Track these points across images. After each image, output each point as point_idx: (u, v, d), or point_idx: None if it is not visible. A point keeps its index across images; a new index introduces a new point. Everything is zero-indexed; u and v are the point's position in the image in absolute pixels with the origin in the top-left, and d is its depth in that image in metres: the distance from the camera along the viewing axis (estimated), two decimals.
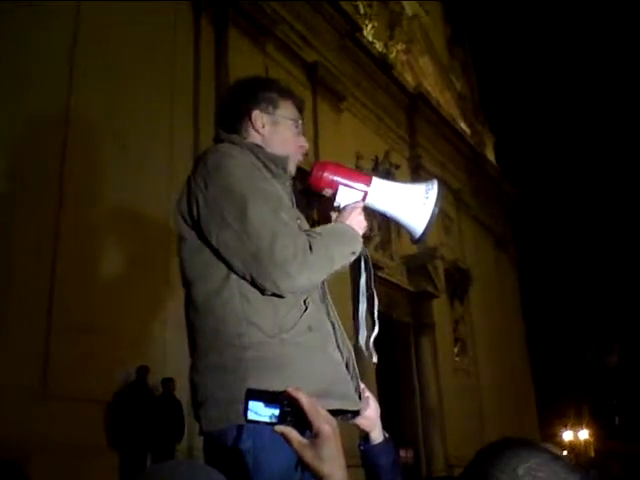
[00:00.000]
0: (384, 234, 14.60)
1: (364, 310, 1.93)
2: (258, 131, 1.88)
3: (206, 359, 1.68)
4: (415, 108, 17.15)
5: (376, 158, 15.17)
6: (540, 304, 28.85)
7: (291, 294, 1.66)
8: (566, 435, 25.49)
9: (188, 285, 1.77)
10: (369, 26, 15.85)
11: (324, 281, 1.84)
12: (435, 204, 1.80)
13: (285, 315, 1.66)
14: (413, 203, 1.81)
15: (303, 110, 2.00)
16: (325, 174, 1.84)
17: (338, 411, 1.64)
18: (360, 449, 1.84)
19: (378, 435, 1.83)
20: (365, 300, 1.94)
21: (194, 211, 1.72)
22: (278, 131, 1.90)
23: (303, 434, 1.11)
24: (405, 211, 1.83)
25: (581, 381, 5.30)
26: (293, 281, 1.60)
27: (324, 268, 1.68)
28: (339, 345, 1.79)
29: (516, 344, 22.16)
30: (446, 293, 16.68)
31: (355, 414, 1.77)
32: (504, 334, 20.51)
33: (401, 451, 11.81)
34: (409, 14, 18.40)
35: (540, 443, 1.31)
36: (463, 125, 20.60)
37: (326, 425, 1.09)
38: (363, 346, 1.90)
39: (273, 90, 1.93)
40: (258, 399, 1.11)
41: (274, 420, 1.11)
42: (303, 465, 1.11)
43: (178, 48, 9.88)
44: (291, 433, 1.10)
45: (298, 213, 1.83)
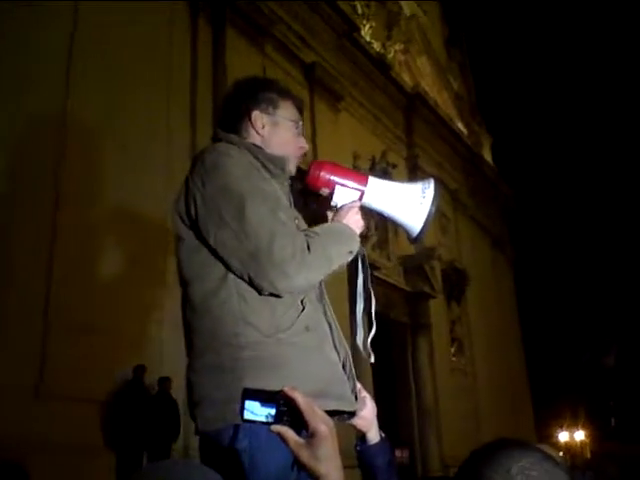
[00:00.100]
0: (381, 234, 14.60)
1: (361, 310, 1.93)
2: (258, 131, 1.88)
3: (203, 359, 1.67)
4: (413, 108, 17.16)
5: (373, 158, 15.17)
6: (537, 305, 28.91)
7: (288, 294, 1.65)
8: (562, 436, 25.55)
9: (185, 285, 1.76)
10: (367, 26, 15.85)
11: (321, 281, 1.83)
12: (432, 203, 1.79)
13: (282, 315, 1.66)
14: (410, 202, 1.81)
15: (303, 111, 1.99)
16: (322, 173, 1.83)
17: (334, 412, 1.64)
18: (356, 449, 1.83)
19: (374, 435, 1.83)
20: (362, 300, 1.93)
21: (192, 211, 1.71)
22: (278, 132, 1.89)
23: (299, 434, 1.11)
24: (402, 210, 1.82)
25: (577, 382, 5.30)
26: (291, 281, 1.59)
27: (322, 268, 1.68)
28: (336, 345, 1.79)
29: (513, 345, 22.18)
30: (443, 293, 16.69)
31: (351, 415, 1.77)
32: (501, 334, 20.53)
33: (397, 451, 11.80)
34: (407, 14, 18.40)
35: (536, 444, 1.32)
36: (460, 125, 20.62)
37: (322, 425, 1.09)
38: (360, 346, 1.89)
39: (273, 91, 1.92)
40: (254, 399, 1.11)
41: (270, 420, 1.11)
42: (299, 465, 1.11)
43: (176, 48, 9.87)
44: (287, 433, 1.10)
45: (296, 213, 1.83)
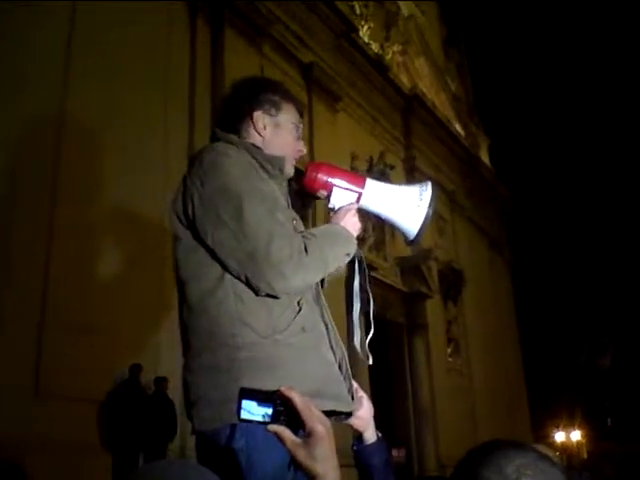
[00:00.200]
0: (378, 235, 14.60)
1: (358, 311, 1.93)
2: (259, 132, 1.87)
3: (199, 359, 1.67)
4: (410, 109, 17.15)
5: (371, 159, 15.16)
6: (534, 306, 28.93)
7: (285, 295, 1.65)
8: (558, 436, 25.51)
9: (182, 285, 1.76)
10: (365, 27, 15.84)
11: (318, 282, 1.84)
12: (429, 206, 1.80)
13: (279, 316, 1.66)
14: (407, 205, 1.82)
15: (303, 115, 2.00)
16: (319, 175, 1.84)
17: (331, 412, 1.64)
18: (353, 449, 1.84)
19: (371, 435, 1.83)
20: (359, 301, 1.95)
21: (189, 210, 1.71)
22: (279, 134, 1.89)
23: (296, 433, 1.11)
24: (399, 213, 1.83)
25: (574, 383, 5.31)
26: (288, 282, 1.60)
27: (319, 270, 1.69)
28: (332, 346, 1.79)
29: (509, 345, 22.19)
30: (440, 294, 16.70)
31: (348, 415, 1.77)
32: (497, 335, 20.53)
33: (393, 451, 11.80)
34: (405, 15, 18.40)
35: (532, 444, 1.32)
36: (458, 127, 20.62)
37: (319, 425, 1.09)
38: (358, 348, 1.90)
39: (277, 93, 1.92)
40: (251, 398, 1.11)
41: (267, 419, 1.11)
42: (296, 464, 1.11)
43: (174, 48, 9.85)
44: (284, 432, 1.10)
45: (294, 214, 1.83)
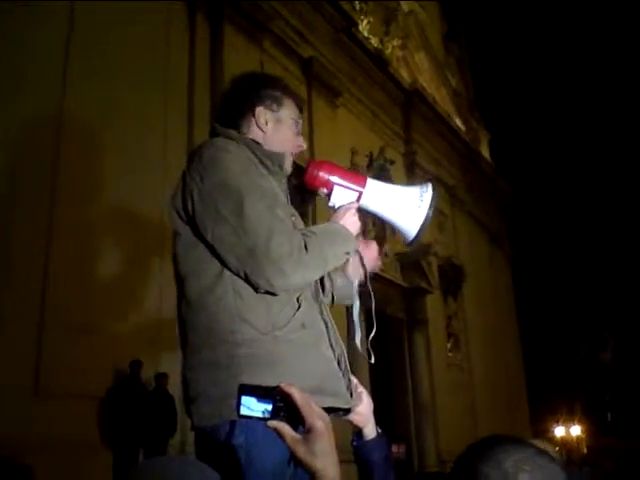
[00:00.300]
0: (379, 230, 14.59)
1: (358, 309, 1.94)
2: (261, 128, 1.87)
3: (199, 355, 1.67)
4: (411, 104, 17.11)
5: (371, 154, 15.13)
6: (534, 300, 28.95)
7: (284, 292, 1.65)
8: (558, 431, 25.56)
9: (181, 281, 1.76)
10: (365, 22, 15.80)
11: (317, 280, 1.83)
12: (429, 207, 1.80)
13: (278, 312, 1.66)
14: (407, 206, 1.81)
15: (302, 110, 2.00)
16: (320, 173, 1.83)
17: (330, 408, 1.64)
18: (353, 445, 1.84)
19: (371, 431, 1.83)
20: (358, 300, 1.95)
21: (189, 206, 1.70)
22: (280, 129, 1.89)
23: (296, 429, 1.11)
24: (399, 214, 1.83)
25: (574, 377, 5.31)
26: (287, 279, 1.59)
27: (318, 267, 1.68)
28: (331, 343, 1.79)
29: (509, 340, 22.21)
30: (440, 289, 16.70)
31: (346, 412, 1.78)
32: (497, 330, 20.55)
33: (393, 446, 11.81)
34: (405, 10, 18.36)
35: (532, 439, 1.32)
36: (458, 122, 20.59)
37: (319, 421, 1.09)
38: (359, 346, 1.90)
39: (278, 88, 1.93)
40: (251, 394, 1.11)
41: (267, 415, 1.11)
42: (296, 460, 1.11)
43: (173, 47, 9.80)
44: (284, 428, 1.10)
45: (293, 210, 1.83)
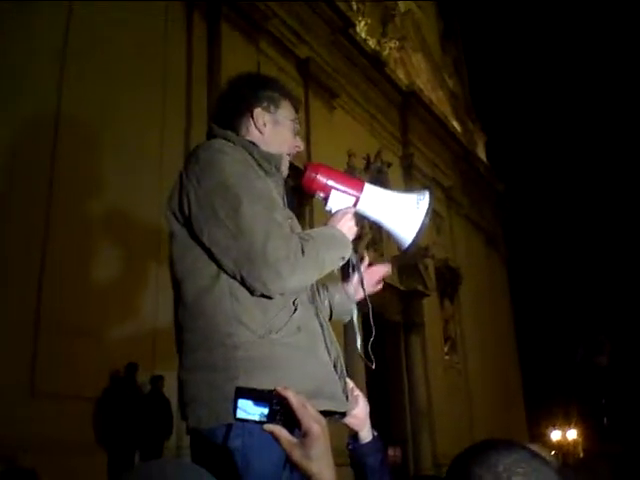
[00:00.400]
0: (375, 233, 14.59)
1: (356, 315, 1.94)
2: (259, 129, 1.87)
3: (195, 358, 1.66)
4: (408, 106, 17.11)
5: (368, 156, 15.11)
6: (530, 303, 28.94)
7: (280, 295, 1.65)
8: (554, 435, 25.58)
9: (177, 283, 1.75)
10: (362, 22, 15.80)
11: (313, 283, 1.83)
12: (425, 215, 1.80)
13: (274, 316, 1.65)
14: (403, 212, 1.82)
15: (299, 110, 2.00)
16: (318, 177, 1.83)
17: (326, 412, 1.63)
18: (349, 448, 1.84)
19: (367, 434, 1.83)
20: (355, 305, 1.97)
21: (185, 208, 1.70)
22: (278, 130, 1.90)
23: (292, 433, 1.11)
24: (395, 220, 1.83)
25: (570, 381, 5.31)
26: (284, 282, 1.59)
27: (314, 271, 1.68)
28: (327, 346, 1.79)
29: (506, 343, 22.21)
30: (436, 292, 16.67)
31: (342, 415, 1.77)
32: (494, 333, 20.55)
33: (389, 449, 11.82)
34: (402, 10, 18.37)
35: (527, 443, 1.32)
36: (455, 124, 20.59)
37: (315, 424, 1.09)
38: (360, 351, 1.90)
39: (275, 89, 1.93)
40: (247, 397, 1.11)
41: (263, 419, 1.11)
42: (292, 464, 1.11)
43: (170, 45, 9.80)
44: (280, 432, 1.10)
45: (290, 213, 1.82)
